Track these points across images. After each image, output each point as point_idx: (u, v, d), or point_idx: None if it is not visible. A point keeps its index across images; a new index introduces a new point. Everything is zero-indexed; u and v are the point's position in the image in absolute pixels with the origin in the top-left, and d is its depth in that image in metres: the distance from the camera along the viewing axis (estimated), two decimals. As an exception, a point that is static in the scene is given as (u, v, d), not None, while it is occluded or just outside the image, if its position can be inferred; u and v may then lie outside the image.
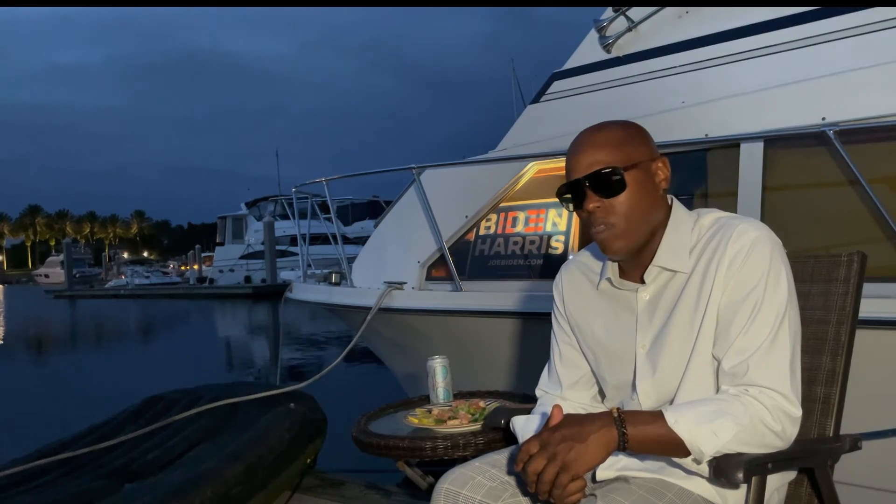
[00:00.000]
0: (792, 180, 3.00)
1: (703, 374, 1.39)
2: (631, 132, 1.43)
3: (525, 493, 1.42)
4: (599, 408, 1.61)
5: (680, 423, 1.26)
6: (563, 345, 1.64)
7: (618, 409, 1.30)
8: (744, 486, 1.31)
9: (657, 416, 1.28)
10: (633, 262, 1.47)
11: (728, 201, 3.04)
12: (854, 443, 1.45)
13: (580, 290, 1.59)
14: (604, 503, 1.30)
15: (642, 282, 1.46)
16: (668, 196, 1.48)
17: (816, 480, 1.46)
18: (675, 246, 1.42)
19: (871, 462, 2.02)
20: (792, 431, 1.31)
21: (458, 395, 2.46)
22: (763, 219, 2.92)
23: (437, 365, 2.39)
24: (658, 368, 1.43)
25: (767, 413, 1.28)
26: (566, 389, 1.62)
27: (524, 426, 1.56)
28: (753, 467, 1.27)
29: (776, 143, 2.96)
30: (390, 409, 2.42)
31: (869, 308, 1.70)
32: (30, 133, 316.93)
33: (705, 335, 1.38)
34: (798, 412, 1.31)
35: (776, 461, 1.32)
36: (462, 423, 2.09)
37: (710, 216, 1.45)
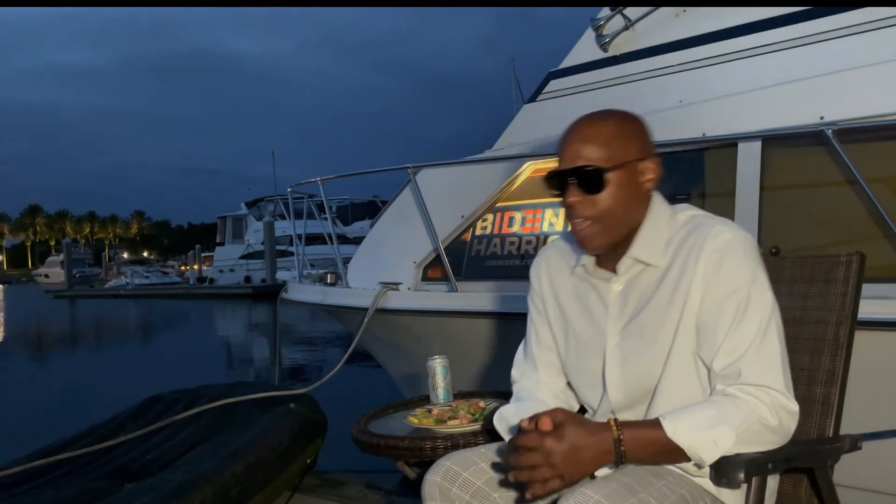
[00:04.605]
0: (790, 180, 2.99)
1: (685, 372, 1.40)
2: (625, 128, 1.43)
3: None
4: (573, 395, 1.61)
5: (679, 432, 1.26)
6: (540, 329, 1.63)
7: (615, 420, 1.29)
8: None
9: (655, 425, 1.28)
10: (610, 252, 1.47)
11: (726, 201, 3.04)
12: (854, 443, 1.45)
13: (557, 274, 1.59)
14: (606, 480, 1.30)
15: (616, 272, 1.47)
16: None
17: (816, 481, 1.47)
18: (651, 239, 1.43)
19: (872, 464, 2.02)
20: (790, 426, 1.32)
21: (458, 395, 2.46)
22: (761, 219, 2.92)
23: (438, 365, 2.38)
24: (628, 361, 1.44)
25: (765, 408, 1.28)
26: (543, 375, 1.61)
27: (517, 415, 1.50)
28: (754, 468, 1.28)
29: (774, 142, 2.95)
30: (390, 409, 2.42)
31: (868, 308, 1.71)
32: (30, 133, 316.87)
33: (684, 333, 1.38)
34: (795, 406, 1.32)
35: (776, 461, 1.32)
36: (462, 423, 2.09)
37: (685, 213, 1.45)
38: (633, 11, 3.83)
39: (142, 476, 2.84)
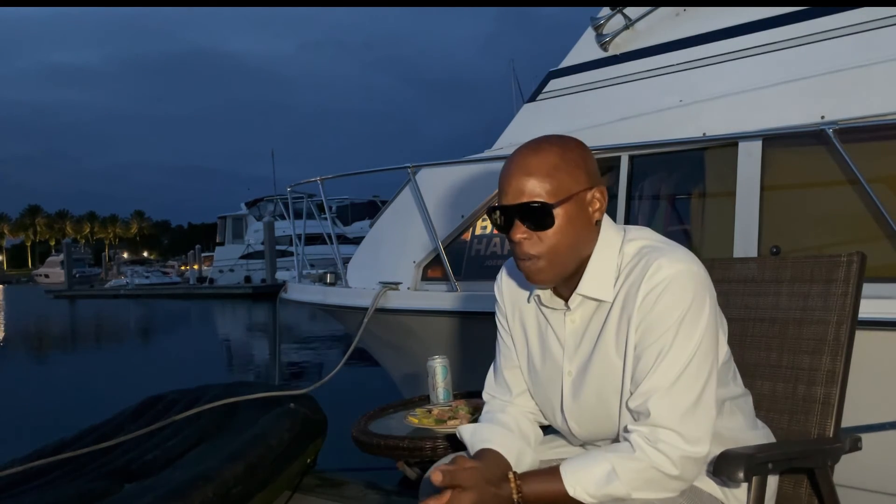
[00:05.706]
0: (791, 179, 2.99)
1: None
2: (568, 158, 1.34)
3: None
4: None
5: (578, 490, 1.28)
6: (508, 349, 1.58)
7: (514, 475, 1.32)
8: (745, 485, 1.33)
9: (556, 479, 1.29)
10: (564, 284, 1.41)
11: (726, 201, 3.04)
12: (854, 443, 1.45)
13: (518, 298, 1.55)
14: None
15: (569, 306, 1.42)
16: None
17: (816, 481, 1.47)
18: (598, 274, 1.36)
19: (872, 464, 2.02)
20: (692, 473, 1.29)
21: (458, 395, 2.46)
22: (762, 218, 2.92)
23: (438, 365, 2.38)
24: (583, 396, 1.41)
25: (665, 460, 1.25)
26: (515, 396, 1.56)
27: (472, 437, 1.51)
28: (753, 466, 1.28)
29: (775, 141, 2.95)
30: (390, 409, 2.42)
31: (869, 308, 1.70)
32: (30, 133, 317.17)
33: (631, 370, 1.34)
34: (700, 451, 1.27)
35: (776, 461, 1.33)
36: (462, 423, 2.09)
37: (635, 244, 1.37)
38: (633, 11, 3.83)
39: (142, 476, 2.84)
